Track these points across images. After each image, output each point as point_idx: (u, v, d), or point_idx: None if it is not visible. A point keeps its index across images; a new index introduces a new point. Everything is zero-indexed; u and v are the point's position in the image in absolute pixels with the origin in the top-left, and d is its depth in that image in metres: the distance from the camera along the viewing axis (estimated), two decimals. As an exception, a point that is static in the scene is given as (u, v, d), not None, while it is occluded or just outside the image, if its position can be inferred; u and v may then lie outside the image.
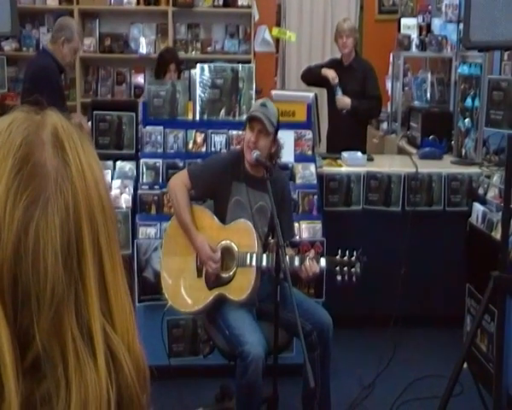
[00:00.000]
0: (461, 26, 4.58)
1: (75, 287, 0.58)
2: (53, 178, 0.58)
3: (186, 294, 2.71)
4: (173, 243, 2.78)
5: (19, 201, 0.56)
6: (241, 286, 2.64)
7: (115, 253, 0.62)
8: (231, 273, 2.67)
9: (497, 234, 3.06)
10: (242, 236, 2.68)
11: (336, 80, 4.32)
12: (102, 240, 0.60)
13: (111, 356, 0.59)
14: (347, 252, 2.58)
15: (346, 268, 2.54)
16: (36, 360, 0.56)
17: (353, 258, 2.56)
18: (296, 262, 2.57)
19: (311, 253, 2.68)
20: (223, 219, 2.74)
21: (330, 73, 4.36)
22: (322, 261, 2.58)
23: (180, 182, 2.74)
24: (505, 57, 4.00)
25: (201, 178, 2.74)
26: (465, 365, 2.59)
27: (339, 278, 2.55)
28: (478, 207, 3.51)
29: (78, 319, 0.57)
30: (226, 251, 2.70)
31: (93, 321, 0.58)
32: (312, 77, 4.51)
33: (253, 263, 2.61)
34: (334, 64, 4.57)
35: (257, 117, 2.63)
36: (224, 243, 2.70)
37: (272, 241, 2.75)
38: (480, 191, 3.65)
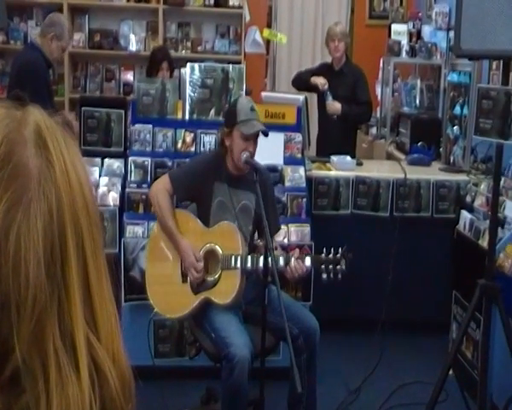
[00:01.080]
0: (451, 33, 4.62)
1: (58, 295, 0.54)
2: (36, 178, 0.54)
3: (171, 299, 2.69)
4: (157, 248, 2.76)
5: None
6: (227, 289, 2.62)
7: (100, 258, 0.59)
8: (216, 277, 2.65)
9: (484, 242, 3.08)
10: (226, 238, 2.66)
11: (326, 86, 4.32)
12: (87, 245, 0.57)
13: (95, 368, 0.56)
14: (332, 250, 2.57)
15: (331, 266, 2.54)
16: (15, 372, 0.53)
17: (338, 255, 2.55)
18: (281, 262, 2.56)
19: (296, 252, 2.67)
20: (206, 222, 2.72)
21: (319, 81, 4.36)
22: (308, 260, 2.57)
23: (162, 187, 2.70)
24: (493, 67, 4.02)
25: (183, 182, 2.72)
26: (451, 371, 2.60)
27: (324, 276, 2.54)
28: (465, 215, 3.53)
29: (60, 329, 0.54)
30: (210, 254, 2.68)
31: (77, 331, 0.55)
32: (302, 83, 4.51)
33: (238, 265, 2.60)
34: (324, 69, 4.58)
35: (266, 132, 2.61)
36: (208, 246, 2.68)
37: (261, 243, 2.74)
38: (468, 199, 3.67)
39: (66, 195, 0.55)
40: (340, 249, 2.57)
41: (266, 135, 2.65)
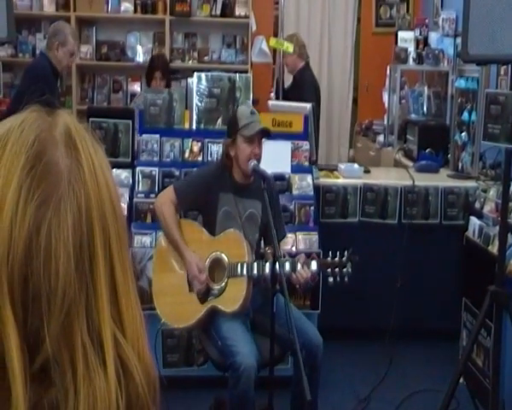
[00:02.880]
0: (458, 40, 4.61)
1: (86, 290, 0.56)
2: (66, 177, 0.56)
3: (179, 309, 2.69)
4: (164, 258, 2.77)
5: (31, 199, 0.54)
6: (234, 297, 2.62)
7: (126, 258, 0.60)
8: (223, 285, 2.65)
9: (494, 248, 3.05)
10: (232, 246, 2.66)
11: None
12: (113, 243, 0.58)
13: (121, 364, 0.57)
14: (338, 253, 2.56)
15: (337, 269, 2.53)
16: (44, 364, 0.54)
17: (344, 258, 2.54)
18: (287, 267, 2.55)
19: (302, 257, 2.66)
20: (212, 232, 2.72)
21: None
22: (314, 264, 2.57)
23: (166, 199, 2.71)
24: (502, 72, 4.01)
25: (187, 193, 2.72)
26: (461, 379, 2.57)
27: (331, 279, 2.54)
28: (474, 221, 3.50)
29: (88, 324, 0.56)
30: (217, 263, 2.68)
31: (103, 327, 0.56)
32: None
33: (244, 273, 2.59)
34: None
35: (268, 130, 2.62)
36: (214, 254, 2.68)
37: (269, 251, 2.73)
38: (477, 205, 3.64)
39: (94, 194, 0.58)
40: (345, 252, 2.57)
41: (269, 136, 2.65)
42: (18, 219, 0.54)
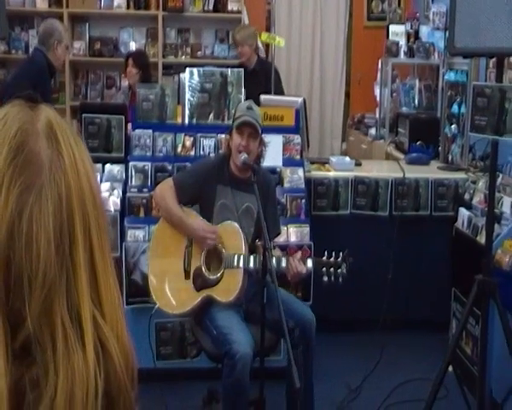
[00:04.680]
0: (448, 33, 4.64)
1: (66, 273, 0.59)
2: (47, 167, 0.60)
3: (174, 296, 2.72)
4: (161, 245, 2.80)
5: (13, 186, 0.57)
6: (229, 288, 2.66)
7: (105, 244, 0.63)
8: (219, 275, 2.69)
9: (482, 238, 3.10)
10: (229, 237, 2.70)
11: None
12: (93, 230, 0.62)
13: (100, 344, 0.60)
14: (333, 253, 2.61)
15: (332, 269, 2.57)
16: (26, 343, 0.57)
17: (339, 259, 2.59)
18: (283, 263, 2.60)
19: (298, 254, 2.71)
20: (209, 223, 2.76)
21: None
22: (309, 262, 2.61)
23: (167, 187, 2.77)
24: (490, 65, 4.04)
25: (186, 185, 2.77)
26: (450, 368, 2.62)
27: (325, 278, 2.58)
28: (463, 212, 3.55)
29: (68, 304, 0.59)
30: (213, 253, 2.72)
31: (83, 308, 0.59)
32: None
33: (241, 264, 2.64)
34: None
35: (250, 122, 2.66)
36: None
37: (259, 243, 2.77)
38: (466, 196, 3.69)
39: (74, 183, 0.61)
40: (341, 253, 2.60)
41: (257, 131, 2.68)
42: (0, 205, 0.57)
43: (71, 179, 0.60)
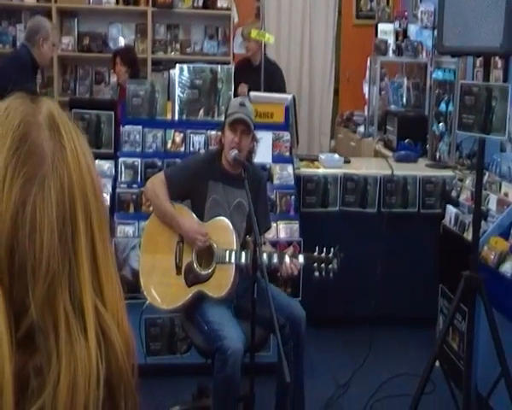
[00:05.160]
0: (436, 32, 4.68)
1: (69, 262, 0.60)
2: (49, 158, 0.61)
3: (165, 291, 2.73)
4: (152, 241, 2.80)
5: (17, 176, 0.58)
6: (220, 283, 2.67)
7: (106, 235, 0.65)
8: (210, 270, 2.70)
9: (469, 235, 3.14)
10: (221, 233, 2.71)
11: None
12: (94, 220, 0.63)
13: (102, 332, 0.61)
14: (324, 249, 2.63)
15: (323, 265, 2.60)
16: (29, 331, 0.58)
17: (331, 255, 2.61)
18: (275, 259, 2.61)
19: (290, 250, 2.72)
20: (200, 219, 2.77)
21: (243, 90, 4.58)
22: (301, 258, 2.63)
23: (158, 182, 2.77)
24: (477, 64, 4.09)
25: (178, 180, 2.77)
26: (437, 363, 2.66)
27: (316, 274, 2.60)
28: (451, 210, 3.59)
29: (70, 293, 0.59)
30: (205, 248, 2.73)
31: (85, 297, 0.60)
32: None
33: (232, 260, 2.65)
34: (244, 63, 4.94)
35: (243, 119, 2.67)
36: None
37: (249, 239, 2.78)
38: (453, 194, 3.73)
39: (76, 174, 0.62)
40: (332, 249, 2.63)
41: (249, 128, 2.69)
42: (4, 195, 0.58)
43: (72, 170, 0.61)
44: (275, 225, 3.39)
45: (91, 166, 0.65)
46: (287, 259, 2.60)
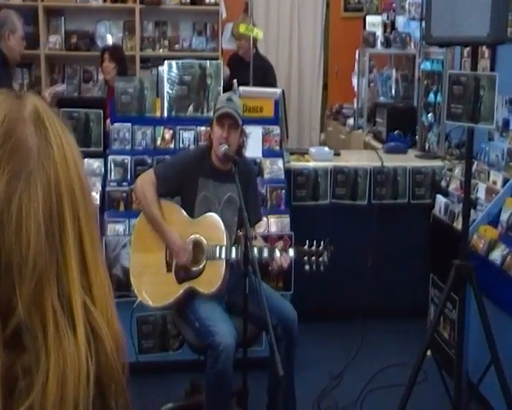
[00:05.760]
0: (424, 23, 4.69)
1: (56, 259, 0.59)
2: (35, 154, 0.60)
3: (156, 289, 2.73)
4: (142, 239, 2.80)
5: (1, 173, 0.57)
6: (211, 279, 2.67)
7: (94, 230, 0.64)
8: (201, 267, 2.70)
9: (459, 224, 3.16)
10: (211, 229, 2.71)
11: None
12: (82, 216, 0.62)
13: (91, 330, 0.60)
14: (315, 242, 2.63)
15: (313, 258, 2.61)
16: (17, 330, 0.57)
17: (321, 247, 2.62)
18: (265, 253, 2.62)
19: (280, 244, 2.73)
20: (191, 215, 2.77)
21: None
22: (291, 252, 2.64)
23: (147, 180, 2.76)
24: (465, 54, 4.10)
25: (168, 177, 2.77)
26: (429, 352, 2.67)
27: (307, 267, 2.61)
28: (440, 199, 3.60)
29: (58, 291, 0.59)
30: (196, 245, 2.73)
31: (73, 294, 0.59)
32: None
33: (223, 256, 2.65)
34: (236, 59, 4.95)
35: (230, 113, 2.67)
36: (193, 236, 2.73)
37: (240, 234, 2.79)
38: (443, 184, 3.75)
39: (62, 170, 0.60)
40: (322, 242, 2.64)
41: (237, 123, 2.69)
42: None
43: (59, 166, 0.60)
44: (265, 219, 3.39)
45: (78, 162, 0.64)
46: (277, 253, 2.61)
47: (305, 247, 2.64)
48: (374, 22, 5.38)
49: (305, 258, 2.63)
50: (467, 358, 2.88)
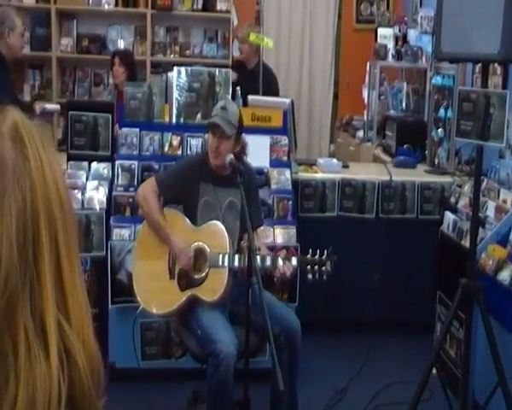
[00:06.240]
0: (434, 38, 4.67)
1: (30, 278, 0.58)
2: (11, 169, 0.58)
3: (158, 296, 2.72)
4: (145, 247, 2.79)
5: None
6: (214, 287, 2.65)
7: (73, 250, 0.62)
8: (203, 274, 2.69)
9: (467, 242, 3.11)
10: (214, 237, 2.70)
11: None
12: (60, 235, 0.60)
13: (65, 350, 0.59)
14: (318, 251, 2.62)
15: (316, 267, 2.59)
16: None
17: (324, 257, 2.60)
18: (268, 262, 2.60)
19: (283, 253, 2.72)
20: (193, 222, 2.77)
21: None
22: (294, 261, 2.62)
23: (149, 189, 2.76)
24: (477, 70, 4.08)
25: (169, 184, 2.77)
26: (434, 370, 2.64)
27: (310, 276, 2.60)
28: (449, 216, 3.57)
29: (32, 310, 0.57)
30: (198, 252, 2.72)
31: (47, 314, 0.58)
32: None
33: (225, 264, 2.64)
34: (238, 65, 4.99)
35: (215, 124, 2.66)
36: (196, 244, 2.72)
37: (244, 245, 2.77)
38: (452, 200, 3.71)
39: (40, 187, 0.59)
40: (325, 251, 2.62)
41: (219, 128, 2.65)
42: None
43: (36, 183, 0.59)
44: (272, 230, 3.37)
45: (58, 178, 0.62)
46: (280, 261, 2.60)
47: (308, 256, 2.63)
48: (385, 35, 5.35)
49: (308, 267, 2.61)
50: (473, 378, 2.84)
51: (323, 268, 2.60)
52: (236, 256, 2.64)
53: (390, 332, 3.65)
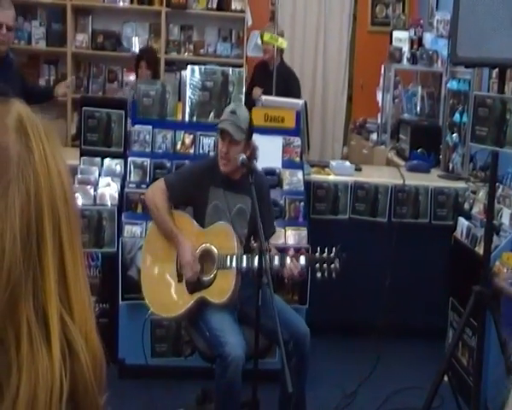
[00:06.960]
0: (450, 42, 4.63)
1: (33, 271, 0.57)
2: (15, 162, 0.58)
3: (167, 299, 2.71)
4: (153, 249, 2.78)
5: None
6: (222, 288, 2.64)
7: (76, 244, 0.62)
8: (212, 276, 2.67)
9: (481, 249, 3.08)
10: (222, 238, 2.68)
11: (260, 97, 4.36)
12: (64, 229, 0.60)
13: (67, 344, 0.59)
14: (326, 249, 2.60)
15: (325, 265, 2.57)
16: None
17: (332, 254, 2.58)
18: (276, 261, 2.59)
19: (291, 251, 2.69)
20: (202, 225, 2.75)
21: (256, 93, 4.64)
22: (302, 259, 2.61)
23: (158, 190, 2.75)
24: (493, 75, 4.03)
25: (178, 187, 2.75)
26: (445, 377, 2.60)
27: (318, 274, 2.58)
28: (463, 222, 3.53)
29: (34, 304, 0.57)
30: (206, 254, 2.70)
31: (50, 308, 0.58)
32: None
33: (234, 265, 2.62)
34: (262, 66, 5.03)
35: (224, 130, 2.63)
36: (204, 246, 2.71)
37: (255, 245, 2.75)
38: (466, 206, 3.68)
39: (44, 180, 0.59)
40: (333, 249, 2.60)
41: (228, 134, 2.63)
42: None
43: (40, 176, 0.59)
44: (283, 231, 3.35)
45: (63, 171, 0.61)
46: (288, 260, 2.58)
47: (317, 254, 2.61)
48: (400, 38, 5.32)
49: (317, 265, 2.59)
50: (486, 386, 2.80)
51: (332, 266, 2.58)
52: (244, 257, 2.62)
53: (401, 337, 3.61)
